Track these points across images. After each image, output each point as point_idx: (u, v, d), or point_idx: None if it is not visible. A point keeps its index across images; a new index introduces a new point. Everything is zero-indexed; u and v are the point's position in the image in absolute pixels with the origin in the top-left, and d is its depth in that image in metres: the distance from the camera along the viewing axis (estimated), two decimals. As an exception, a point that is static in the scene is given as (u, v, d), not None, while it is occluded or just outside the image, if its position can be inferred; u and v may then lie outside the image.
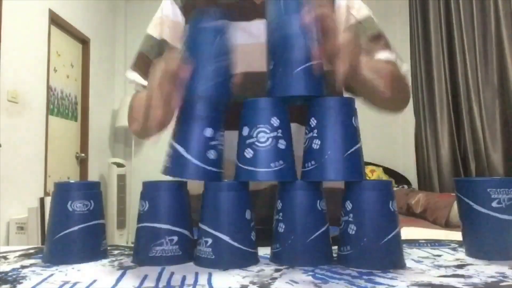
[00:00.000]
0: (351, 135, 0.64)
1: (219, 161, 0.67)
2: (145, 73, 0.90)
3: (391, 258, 0.62)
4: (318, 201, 0.65)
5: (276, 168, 0.63)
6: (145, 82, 0.91)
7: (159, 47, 0.95)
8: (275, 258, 0.65)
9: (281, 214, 0.65)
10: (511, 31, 3.04)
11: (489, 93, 3.24)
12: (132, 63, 0.98)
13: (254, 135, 0.64)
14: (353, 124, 0.64)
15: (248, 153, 0.64)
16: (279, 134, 0.64)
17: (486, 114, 3.21)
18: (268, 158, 0.63)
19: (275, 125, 0.64)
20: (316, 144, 0.63)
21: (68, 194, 0.68)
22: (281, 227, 0.64)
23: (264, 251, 0.69)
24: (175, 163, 0.65)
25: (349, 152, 0.62)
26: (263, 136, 0.64)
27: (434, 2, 3.86)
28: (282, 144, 0.64)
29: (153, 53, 0.95)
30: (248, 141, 0.64)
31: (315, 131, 0.64)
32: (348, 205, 0.64)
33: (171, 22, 0.95)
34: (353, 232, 0.62)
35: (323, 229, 0.64)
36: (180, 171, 0.65)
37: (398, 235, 0.63)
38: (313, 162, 0.63)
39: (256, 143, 0.63)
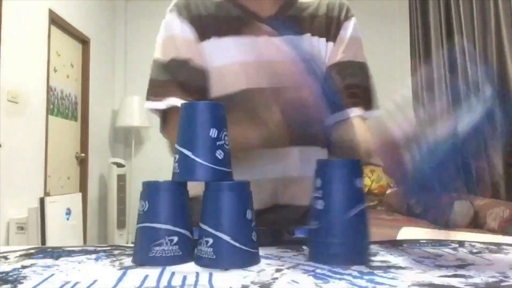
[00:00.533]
0: (355, 196, 0.66)
1: (228, 160, 0.68)
2: (181, 96, 0.87)
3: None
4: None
5: None
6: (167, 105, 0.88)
7: (185, 66, 0.89)
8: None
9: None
10: (511, 31, 3.04)
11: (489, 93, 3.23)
12: (150, 93, 0.91)
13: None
14: (358, 185, 0.66)
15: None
16: None
17: (486, 114, 3.21)
18: None
19: None
20: (320, 204, 0.66)
21: None
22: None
23: (264, 251, 0.69)
24: (184, 167, 0.66)
25: (353, 213, 0.65)
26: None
27: (434, 2, 3.86)
28: None
29: (182, 74, 0.89)
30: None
31: (320, 191, 0.66)
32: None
33: (183, 40, 0.90)
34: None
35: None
36: (190, 174, 0.66)
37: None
38: (317, 222, 0.66)
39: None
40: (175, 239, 0.65)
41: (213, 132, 0.66)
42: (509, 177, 3.00)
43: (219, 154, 0.66)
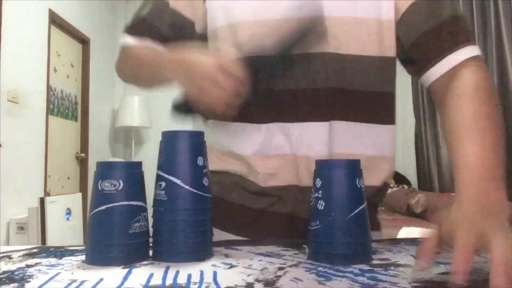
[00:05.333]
0: (356, 196, 0.66)
1: (210, 186, 0.71)
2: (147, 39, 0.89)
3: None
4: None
5: None
6: (140, 43, 0.90)
7: (172, 17, 0.87)
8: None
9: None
10: (511, 31, 3.04)
11: (488, 93, 3.24)
12: (129, 27, 0.94)
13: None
14: (358, 185, 0.67)
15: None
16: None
17: (486, 114, 3.22)
18: None
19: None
20: (320, 205, 0.66)
21: None
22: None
23: (266, 249, 0.70)
24: (172, 195, 0.67)
25: (353, 213, 0.65)
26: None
27: (434, 2, 3.87)
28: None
29: (162, 21, 0.88)
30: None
31: (320, 192, 0.67)
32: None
33: None
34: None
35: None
36: (179, 202, 0.67)
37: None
38: (318, 222, 0.67)
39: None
40: (146, 214, 0.68)
41: (200, 160, 0.69)
42: (509, 177, 3.01)
43: (206, 181, 0.69)
